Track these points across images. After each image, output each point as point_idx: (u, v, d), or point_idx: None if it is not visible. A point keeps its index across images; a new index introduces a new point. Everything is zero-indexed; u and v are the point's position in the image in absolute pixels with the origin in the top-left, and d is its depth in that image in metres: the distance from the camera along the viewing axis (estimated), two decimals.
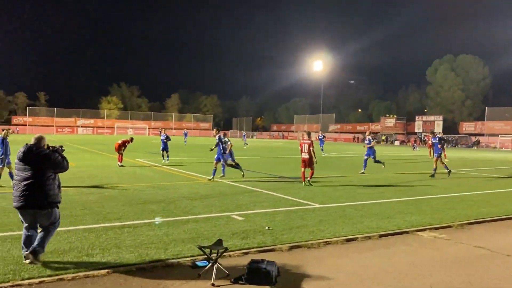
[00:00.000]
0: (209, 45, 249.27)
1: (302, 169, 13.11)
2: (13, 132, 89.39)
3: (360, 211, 9.18)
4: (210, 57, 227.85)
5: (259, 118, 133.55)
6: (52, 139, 56.34)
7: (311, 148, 13.05)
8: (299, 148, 13.55)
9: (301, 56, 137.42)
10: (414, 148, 46.40)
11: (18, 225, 6.36)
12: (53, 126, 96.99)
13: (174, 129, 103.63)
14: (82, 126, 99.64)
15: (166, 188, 11.86)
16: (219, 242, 4.79)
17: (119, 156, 18.14)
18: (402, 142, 77.91)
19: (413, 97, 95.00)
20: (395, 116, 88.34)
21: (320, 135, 33.11)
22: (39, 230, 5.42)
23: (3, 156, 11.80)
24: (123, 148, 18.16)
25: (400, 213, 9.16)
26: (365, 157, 17.76)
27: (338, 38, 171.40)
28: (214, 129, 15.05)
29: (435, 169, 16.56)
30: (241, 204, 9.66)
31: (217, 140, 14.33)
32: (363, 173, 17.18)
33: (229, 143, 14.53)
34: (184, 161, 21.97)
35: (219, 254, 4.76)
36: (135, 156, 24.47)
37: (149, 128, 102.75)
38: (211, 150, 15.21)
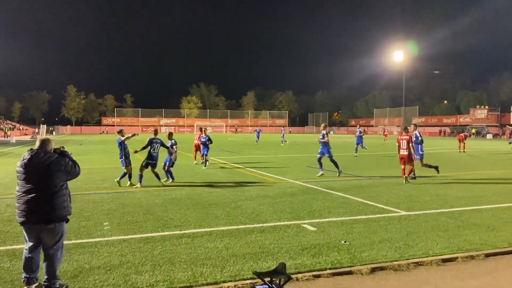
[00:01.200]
0: (283, 41, 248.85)
1: (402, 166, 12.74)
2: (103, 132, 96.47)
3: (456, 221, 7.68)
4: (285, 53, 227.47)
5: (336, 113, 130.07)
6: (137, 138, 59.35)
7: (410, 144, 12.67)
8: (397, 144, 13.15)
9: (379, 47, 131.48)
10: (511, 141, 41.51)
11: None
12: (138, 126, 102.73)
13: (250, 126, 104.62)
14: (164, 125, 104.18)
15: (234, 189, 11.17)
16: (281, 268, 3.85)
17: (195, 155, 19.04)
18: (495, 135, 70.77)
19: (508, 86, 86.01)
20: (487, 107, 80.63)
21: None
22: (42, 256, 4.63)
23: (122, 158, 12.27)
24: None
25: (509, 223, 7.52)
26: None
27: (420, 25, 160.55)
28: (322, 124, 14.74)
29: None
30: (313, 210, 8.61)
31: (323, 135, 14.17)
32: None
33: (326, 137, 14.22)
34: (256, 159, 21.27)
35: (281, 285, 3.81)
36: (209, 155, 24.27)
37: (226, 126, 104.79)
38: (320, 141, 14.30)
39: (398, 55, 79.45)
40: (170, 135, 13.99)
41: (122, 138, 12.42)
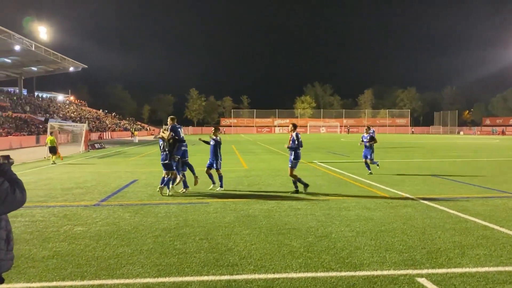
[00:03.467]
0: (404, 35, 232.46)
1: None
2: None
3: None
4: (407, 47, 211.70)
5: (466, 112, 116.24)
6: (247, 138, 59.59)
7: None
8: None
9: None
10: None
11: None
12: (253, 126, 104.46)
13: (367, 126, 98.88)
14: (278, 126, 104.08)
15: (328, 207, 8.71)
16: None
17: None
18: None
19: None
20: None
21: None
22: None
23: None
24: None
25: None
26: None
27: None
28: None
29: None
30: (437, 249, 5.78)
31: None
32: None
33: None
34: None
35: None
36: (313, 158, 21.94)
37: (341, 126, 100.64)
38: None
39: None
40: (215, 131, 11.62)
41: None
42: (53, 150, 20.78)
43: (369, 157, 14.97)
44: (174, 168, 10.55)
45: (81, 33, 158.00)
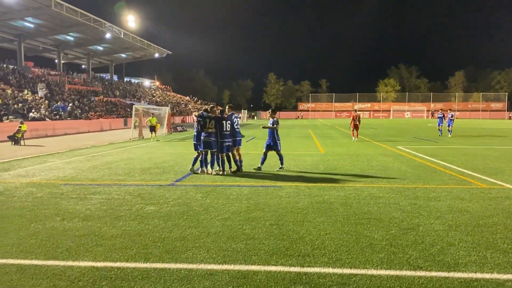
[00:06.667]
0: (497, 10, 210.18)
1: None
2: (298, 117, 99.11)
3: None
4: (502, 25, 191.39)
5: None
6: (325, 122, 58.20)
7: None
8: None
9: None
10: None
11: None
12: (332, 111, 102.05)
13: (458, 110, 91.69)
14: (358, 110, 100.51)
15: (415, 196, 7.79)
16: None
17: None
18: None
19: None
20: None
21: None
22: None
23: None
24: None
25: None
26: None
27: None
28: None
29: None
30: None
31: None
32: None
33: None
34: (457, 152, 16.57)
35: None
36: (397, 144, 20.53)
37: (427, 111, 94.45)
38: None
39: None
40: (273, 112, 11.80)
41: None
42: (153, 129, 23.90)
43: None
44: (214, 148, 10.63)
45: (164, 20, 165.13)
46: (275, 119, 11.37)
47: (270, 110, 11.86)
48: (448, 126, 26.17)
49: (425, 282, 3.95)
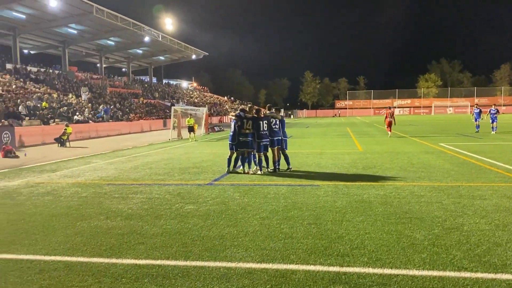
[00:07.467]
0: None
1: None
2: (335, 115, 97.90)
3: None
4: None
5: None
6: (363, 120, 57.15)
7: None
8: None
9: None
10: None
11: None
12: (370, 108, 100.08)
13: (504, 105, 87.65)
14: (398, 107, 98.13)
15: (459, 194, 7.51)
16: None
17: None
18: None
19: None
20: None
21: None
22: None
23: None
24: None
25: None
26: None
27: None
28: None
29: None
30: None
31: None
32: None
33: None
34: (504, 148, 15.81)
35: None
36: (439, 140, 19.87)
37: (471, 106, 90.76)
38: None
39: None
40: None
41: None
42: (191, 129, 24.39)
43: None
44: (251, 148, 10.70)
45: (200, 21, 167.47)
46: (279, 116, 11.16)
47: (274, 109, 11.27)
48: (492, 122, 24.10)
49: (470, 283, 3.80)
